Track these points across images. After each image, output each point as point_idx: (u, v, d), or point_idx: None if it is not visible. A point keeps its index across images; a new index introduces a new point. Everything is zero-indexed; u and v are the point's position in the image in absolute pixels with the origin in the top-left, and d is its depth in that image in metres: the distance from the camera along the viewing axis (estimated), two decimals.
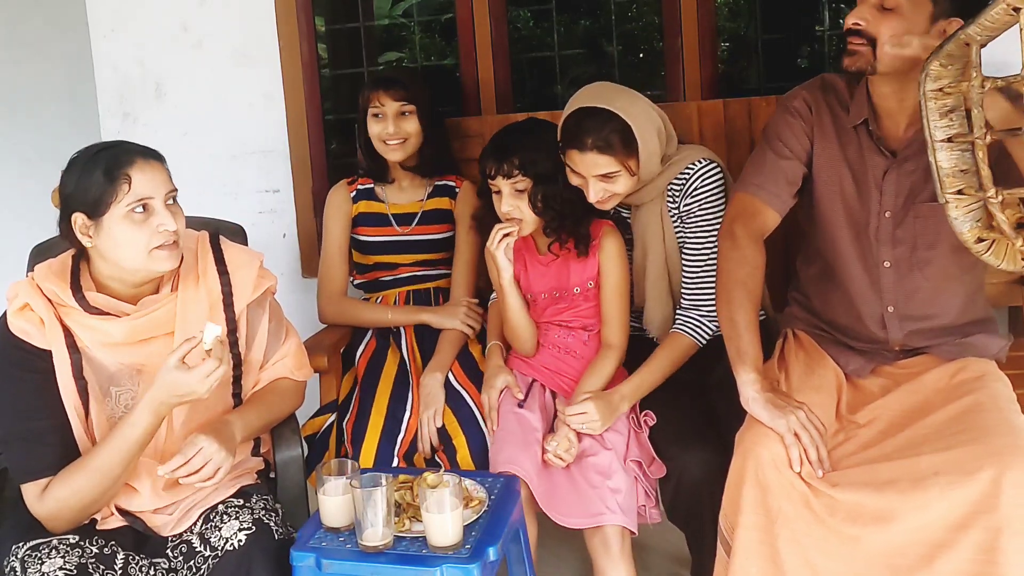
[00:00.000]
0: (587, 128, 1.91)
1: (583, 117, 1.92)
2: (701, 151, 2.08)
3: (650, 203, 2.07)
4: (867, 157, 1.80)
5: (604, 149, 1.90)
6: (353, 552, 1.58)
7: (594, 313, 2.09)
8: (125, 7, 2.77)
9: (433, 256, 2.34)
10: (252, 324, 1.81)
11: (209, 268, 1.77)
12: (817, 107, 1.86)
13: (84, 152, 1.64)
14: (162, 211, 1.62)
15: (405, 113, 2.25)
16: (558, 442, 1.90)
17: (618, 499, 1.84)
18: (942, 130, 1.49)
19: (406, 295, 2.34)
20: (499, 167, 1.98)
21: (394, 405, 2.07)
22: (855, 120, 1.81)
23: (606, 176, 1.93)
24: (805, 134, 1.86)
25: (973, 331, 1.81)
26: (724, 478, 1.80)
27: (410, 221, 2.33)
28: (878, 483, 1.56)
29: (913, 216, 1.77)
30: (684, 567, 2.19)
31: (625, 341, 2.06)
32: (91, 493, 1.59)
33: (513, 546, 1.78)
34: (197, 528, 1.65)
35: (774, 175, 1.87)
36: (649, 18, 4.74)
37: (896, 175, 1.77)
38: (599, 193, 1.95)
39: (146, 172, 1.61)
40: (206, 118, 2.78)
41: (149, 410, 1.58)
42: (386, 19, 5.80)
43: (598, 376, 2.00)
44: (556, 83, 3.47)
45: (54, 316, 1.63)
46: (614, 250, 2.04)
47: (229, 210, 2.40)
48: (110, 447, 1.58)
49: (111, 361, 1.67)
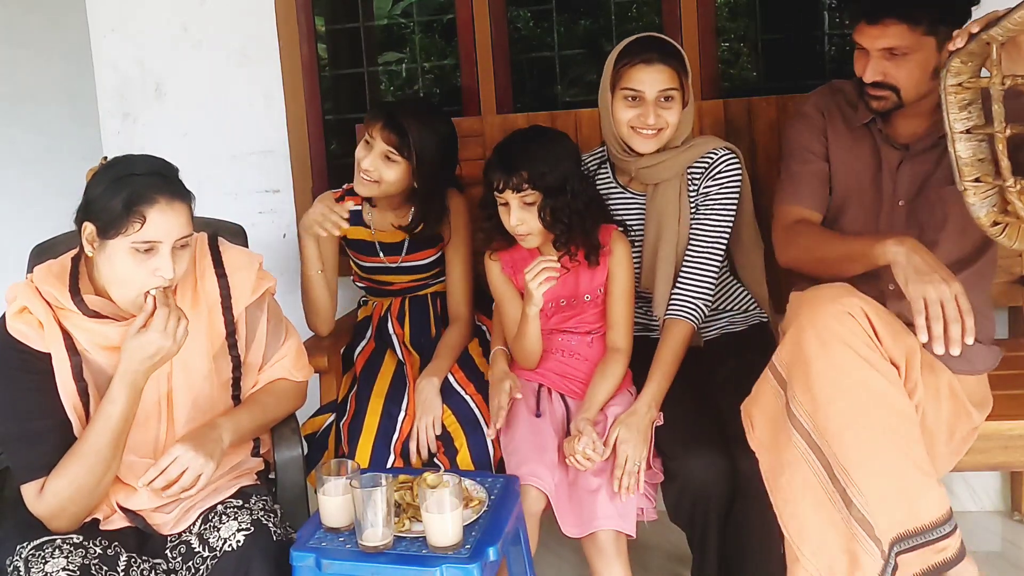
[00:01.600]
0: (656, 46, 2.00)
1: (650, 39, 2.03)
2: (721, 141, 2.13)
3: (668, 183, 2.07)
4: (881, 150, 1.87)
5: (668, 61, 1.98)
6: (353, 552, 1.58)
7: (599, 318, 2.09)
8: (125, 7, 2.76)
9: (427, 274, 2.30)
10: (251, 325, 1.81)
11: (207, 271, 1.77)
12: (828, 109, 1.96)
13: (123, 163, 1.63)
14: (165, 256, 1.59)
15: (391, 160, 2.09)
16: (584, 443, 1.86)
17: (615, 504, 1.84)
18: (961, 122, 1.57)
19: (402, 302, 2.32)
20: (508, 180, 1.95)
21: (389, 405, 2.06)
22: (864, 119, 1.88)
23: (667, 97, 1.99)
24: (820, 133, 1.94)
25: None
26: (728, 480, 1.81)
27: (398, 251, 2.25)
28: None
29: (923, 202, 1.83)
30: (684, 567, 2.19)
31: (631, 344, 2.06)
32: (86, 480, 1.58)
33: (513, 546, 1.78)
34: (196, 529, 1.65)
35: (808, 182, 1.95)
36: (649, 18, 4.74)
37: (910, 166, 1.84)
38: (654, 117, 1.99)
39: (165, 215, 1.58)
40: (206, 118, 2.78)
41: (124, 383, 1.59)
42: (386, 19, 5.80)
43: (609, 380, 2.00)
44: (556, 83, 3.47)
45: (53, 319, 1.63)
46: (623, 255, 2.04)
47: (229, 210, 2.40)
48: (95, 429, 1.59)
49: (109, 363, 1.66)
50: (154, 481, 1.61)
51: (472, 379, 2.13)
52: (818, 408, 1.55)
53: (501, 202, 1.99)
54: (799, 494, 1.57)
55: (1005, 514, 2.52)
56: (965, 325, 1.52)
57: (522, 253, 2.08)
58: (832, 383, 1.54)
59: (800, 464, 1.57)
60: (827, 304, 1.59)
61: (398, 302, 2.32)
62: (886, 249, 1.63)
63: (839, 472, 1.53)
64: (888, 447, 1.52)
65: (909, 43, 1.71)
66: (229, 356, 1.77)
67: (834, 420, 1.54)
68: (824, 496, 1.56)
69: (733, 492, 1.84)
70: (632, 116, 2.01)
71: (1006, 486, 2.53)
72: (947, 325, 1.52)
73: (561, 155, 1.98)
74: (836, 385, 1.54)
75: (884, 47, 1.73)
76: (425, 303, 2.33)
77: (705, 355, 2.10)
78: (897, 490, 1.51)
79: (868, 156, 1.89)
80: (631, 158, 2.08)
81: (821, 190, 1.95)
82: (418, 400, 2.05)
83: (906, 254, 1.60)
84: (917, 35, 1.70)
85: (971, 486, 2.54)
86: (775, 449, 1.62)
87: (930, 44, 1.72)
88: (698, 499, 1.84)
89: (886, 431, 1.52)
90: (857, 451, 1.52)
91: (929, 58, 1.72)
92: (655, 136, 2.02)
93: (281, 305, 1.92)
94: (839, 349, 1.55)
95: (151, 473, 1.62)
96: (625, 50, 2.03)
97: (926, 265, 1.57)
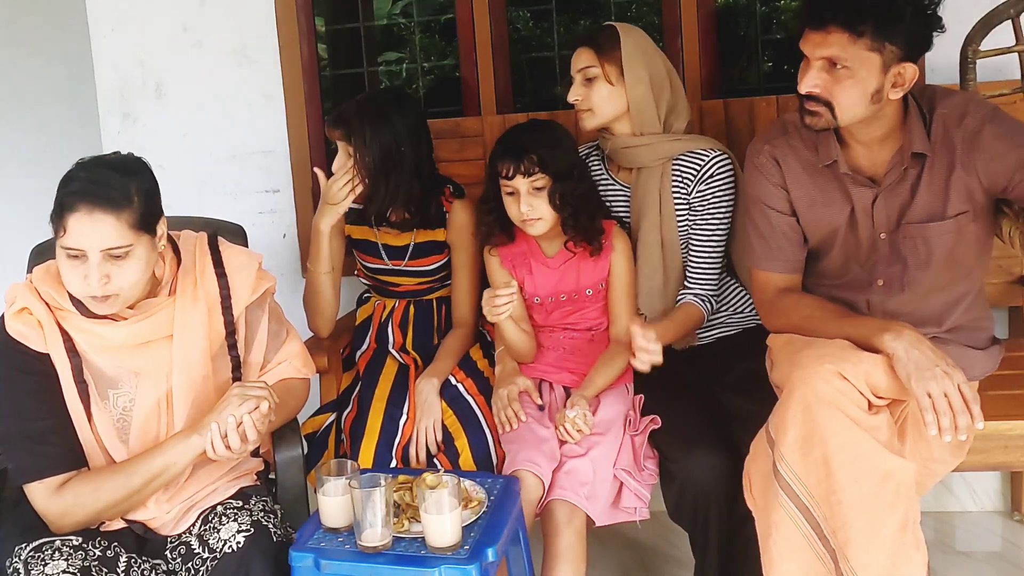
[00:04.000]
0: (592, 31, 2.13)
1: (599, 27, 2.14)
2: (713, 141, 2.15)
3: (651, 169, 2.10)
4: (851, 189, 1.79)
5: (587, 42, 2.10)
6: (352, 552, 1.58)
7: (601, 314, 2.09)
8: (125, 7, 2.76)
9: (432, 278, 2.28)
10: (252, 326, 1.81)
11: (207, 271, 1.76)
12: (783, 156, 1.85)
13: (77, 166, 1.60)
14: (92, 265, 1.54)
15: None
16: (576, 412, 1.88)
17: (578, 480, 1.84)
18: None
19: (406, 307, 2.30)
20: (517, 166, 1.97)
21: (391, 408, 2.06)
22: (824, 161, 1.80)
23: (587, 78, 2.09)
24: (780, 187, 1.85)
25: (956, 337, 1.84)
26: (730, 481, 1.81)
27: (402, 255, 2.23)
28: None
29: (904, 235, 1.77)
30: (685, 568, 2.19)
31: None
32: (112, 496, 1.59)
33: (512, 547, 1.78)
34: (196, 530, 1.66)
35: (779, 244, 1.87)
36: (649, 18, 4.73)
37: (884, 199, 1.77)
38: (575, 96, 2.10)
39: (82, 224, 1.52)
40: (206, 118, 2.77)
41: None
42: (386, 19, 5.80)
43: (610, 368, 2.02)
44: (556, 83, 3.46)
45: (52, 320, 1.63)
46: (624, 248, 2.07)
47: (229, 210, 2.40)
48: (155, 457, 1.60)
49: (109, 365, 1.67)
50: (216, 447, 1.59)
51: (472, 378, 2.13)
52: (808, 471, 1.56)
53: (508, 191, 2.00)
54: (785, 556, 1.58)
55: (1005, 514, 2.52)
56: (972, 413, 1.52)
57: (521, 248, 2.10)
58: (821, 445, 1.54)
59: (786, 523, 1.58)
60: (815, 365, 1.58)
61: (402, 306, 2.30)
62: (884, 342, 1.60)
63: (829, 534, 1.55)
64: (876, 512, 1.53)
65: (849, 55, 1.62)
66: (228, 356, 1.77)
67: (823, 483, 1.54)
68: (813, 555, 1.57)
69: (734, 492, 1.84)
70: (569, 95, 2.13)
71: (1006, 486, 2.53)
72: (955, 416, 1.52)
73: (564, 141, 2.05)
74: (825, 448, 1.54)
75: (824, 55, 1.64)
76: (429, 308, 2.30)
77: (719, 353, 2.11)
78: (884, 555, 1.52)
79: (838, 199, 1.81)
80: (609, 137, 2.14)
81: (794, 250, 1.88)
82: (418, 402, 2.05)
83: (905, 349, 1.57)
84: (859, 48, 1.62)
85: (971, 486, 2.54)
86: (765, 509, 1.62)
87: (873, 63, 1.63)
88: (699, 499, 1.85)
89: (875, 496, 1.53)
90: (846, 514, 1.53)
91: (870, 77, 1.64)
92: (586, 114, 2.11)
93: (282, 305, 1.92)
94: (827, 412, 1.54)
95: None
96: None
97: (926, 359, 1.56)
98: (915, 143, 1.71)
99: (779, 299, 1.87)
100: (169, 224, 1.69)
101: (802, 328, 1.77)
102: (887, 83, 1.65)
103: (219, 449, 1.58)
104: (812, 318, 1.77)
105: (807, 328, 1.75)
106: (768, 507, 1.61)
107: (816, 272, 1.91)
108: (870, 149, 1.77)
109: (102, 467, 1.63)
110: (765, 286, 1.90)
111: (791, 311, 1.83)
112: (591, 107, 2.09)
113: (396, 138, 2.08)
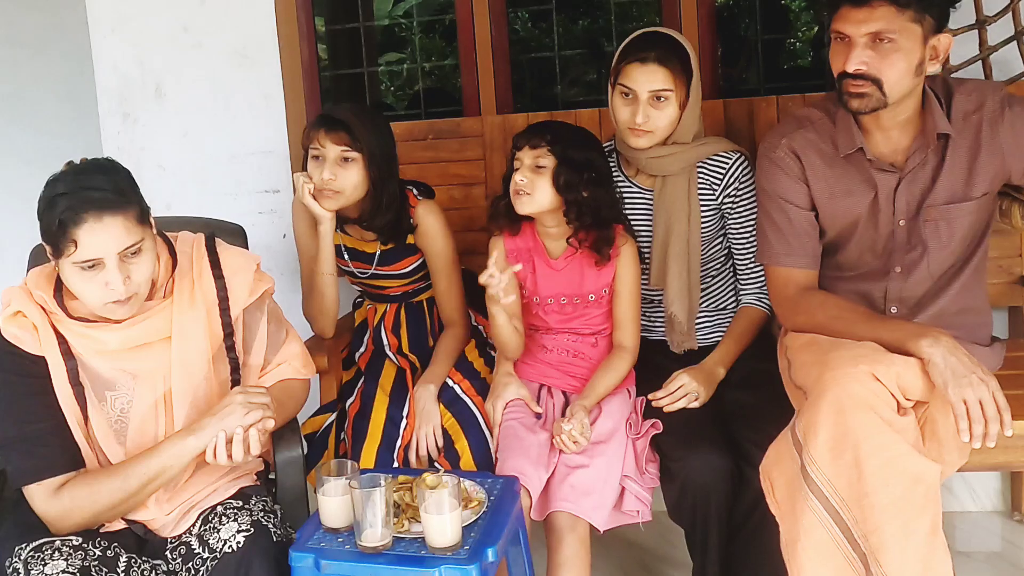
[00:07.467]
0: (653, 42, 2.01)
1: (649, 35, 2.03)
2: (730, 143, 2.13)
3: (676, 178, 2.07)
4: (875, 176, 1.79)
5: (665, 62, 1.98)
6: (352, 553, 1.58)
7: (605, 319, 2.09)
8: (125, 7, 2.76)
9: (413, 279, 2.25)
10: (251, 327, 1.80)
11: (204, 272, 1.76)
12: (802, 149, 1.84)
13: (52, 183, 1.57)
14: (112, 270, 1.54)
15: (348, 159, 2.04)
16: (573, 425, 1.88)
17: (581, 490, 1.84)
18: None
19: (397, 310, 2.30)
20: (528, 139, 1.97)
21: (393, 409, 2.06)
22: (847, 150, 1.79)
23: (658, 97, 1.99)
24: (800, 180, 1.85)
25: (964, 321, 1.85)
26: (729, 480, 1.81)
27: (369, 260, 2.20)
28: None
29: (924, 219, 1.78)
30: (685, 568, 2.18)
31: (638, 344, 2.07)
32: (109, 499, 1.59)
33: (512, 547, 1.77)
34: (196, 530, 1.65)
35: (798, 239, 1.86)
36: (649, 18, 4.73)
37: (907, 185, 1.78)
38: (643, 117, 1.99)
39: (95, 233, 1.52)
40: (206, 118, 2.77)
41: (216, 426, 1.59)
42: (386, 19, 5.80)
43: (612, 374, 2.01)
44: (556, 83, 3.47)
45: (47, 323, 1.63)
46: (631, 255, 2.05)
47: (229, 210, 2.39)
48: (151, 459, 1.59)
49: (106, 367, 1.67)
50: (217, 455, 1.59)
51: (469, 379, 2.13)
52: (839, 473, 1.54)
53: (516, 166, 1.99)
54: (816, 561, 1.56)
55: (1005, 514, 2.52)
56: (1003, 420, 1.54)
57: (527, 244, 2.08)
58: (854, 448, 1.53)
59: (816, 528, 1.56)
60: (849, 366, 1.57)
61: (392, 310, 2.30)
62: (920, 348, 1.59)
63: (860, 538, 1.53)
64: (908, 516, 1.52)
65: (896, 27, 1.62)
66: (227, 358, 1.77)
67: (854, 487, 1.53)
68: (843, 560, 1.55)
69: (734, 492, 1.84)
70: (626, 113, 2.02)
71: (1006, 486, 2.53)
72: (987, 423, 1.54)
73: (589, 141, 2.02)
74: (858, 451, 1.52)
75: (870, 32, 1.63)
76: (420, 310, 2.30)
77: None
78: (917, 559, 1.52)
79: (860, 188, 1.81)
80: (637, 150, 2.08)
81: (812, 244, 1.87)
82: (416, 409, 2.05)
83: (943, 355, 1.57)
84: (904, 20, 1.62)
85: (971, 486, 2.54)
86: (792, 514, 1.60)
87: (916, 34, 1.63)
88: (699, 499, 1.85)
89: (906, 499, 1.52)
90: (879, 518, 1.52)
91: (914, 49, 1.64)
92: (645, 135, 2.02)
93: (281, 306, 1.91)
94: (861, 414, 1.53)
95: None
96: (627, 45, 2.04)
97: (963, 366, 1.56)
98: (939, 124, 1.72)
99: (802, 297, 1.86)
100: (168, 224, 1.69)
101: (828, 328, 1.75)
102: (927, 55, 1.66)
103: (220, 458, 1.58)
104: (840, 319, 1.76)
105: (834, 329, 1.74)
106: (796, 511, 1.58)
107: (831, 265, 1.90)
108: (890, 135, 1.78)
109: (99, 469, 1.63)
110: (785, 283, 1.89)
111: (816, 311, 1.81)
112: (654, 128, 2.02)
113: (392, 146, 2.10)
